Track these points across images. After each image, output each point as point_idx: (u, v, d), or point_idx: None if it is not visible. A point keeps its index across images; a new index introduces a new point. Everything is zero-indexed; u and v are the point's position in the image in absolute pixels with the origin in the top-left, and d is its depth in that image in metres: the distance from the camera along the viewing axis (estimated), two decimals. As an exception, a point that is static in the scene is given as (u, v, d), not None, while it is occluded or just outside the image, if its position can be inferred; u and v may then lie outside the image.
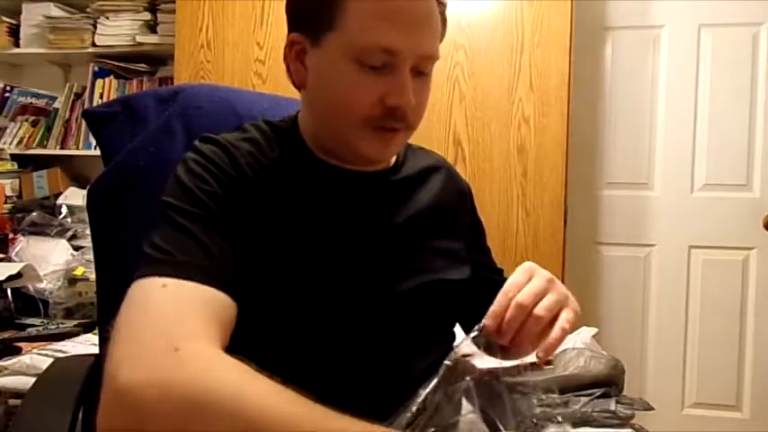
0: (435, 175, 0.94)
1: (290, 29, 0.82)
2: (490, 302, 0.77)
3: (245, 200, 0.76)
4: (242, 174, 0.77)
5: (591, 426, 1.46)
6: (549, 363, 1.60)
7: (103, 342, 1.04)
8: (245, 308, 0.74)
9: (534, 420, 0.82)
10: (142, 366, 0.58)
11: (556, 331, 0.71)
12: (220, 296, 0.67)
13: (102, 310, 1.08)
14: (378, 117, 0.77)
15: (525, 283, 0.72)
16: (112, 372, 0.58)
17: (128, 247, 0.91)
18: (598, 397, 1.51)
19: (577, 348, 1.66)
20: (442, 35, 0.83)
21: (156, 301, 0.64)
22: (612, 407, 1.49)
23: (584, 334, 1.81)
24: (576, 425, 1.44)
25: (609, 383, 1.55)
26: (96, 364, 1.00)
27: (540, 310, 0.70)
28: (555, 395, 1.51)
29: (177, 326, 0.61)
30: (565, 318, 0.72)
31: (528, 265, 0.75)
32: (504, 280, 0.83)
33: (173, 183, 0.76)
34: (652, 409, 1.57)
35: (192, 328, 0.62)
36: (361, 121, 0.78)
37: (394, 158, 0.91)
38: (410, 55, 0.76)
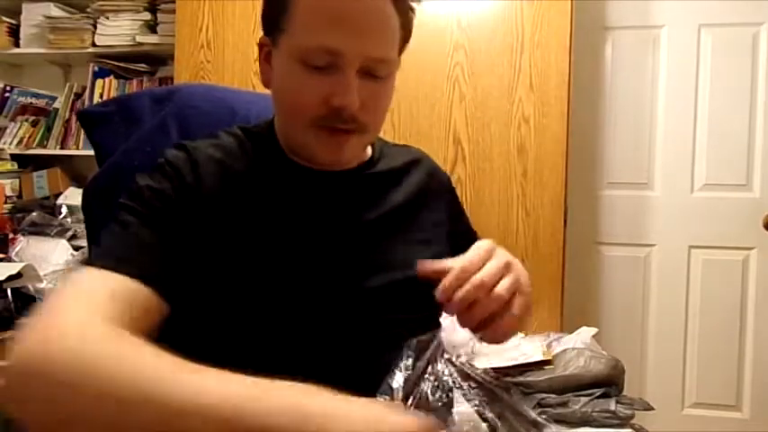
0: (413, 170, 0.94)
1: (263, 31, 0.85)
2: None
3: (201, 203, 0.78)
4: (200, 178, 0.79)
5: (591, 426, 1.46)
6: (549, 363, 1.61)
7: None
8: (212, 308, 0.76)
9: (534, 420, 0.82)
10: (32, 340, 0.60)
11: (510, 316, 0.69)
12: (134, 286, 0.69)
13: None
14: (324, 117, 0.78)
15: (484, 261, 0.70)
16: (17, 347, 0.61)
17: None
18: (598, 397, 1.51)
19: (577, 348, 1.66)
20: (405, 40, 0.84)
21: (70, 287, 0.68)
22: (612, 407, 1.49)
23: (584, 334, 1.81)
24: (575, 425, 1.44)
25: (609, 383, 1.55)
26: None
27: (500, 289, 0.68)
28: (555, 395, 1.52)
29: (80, 306, 0.64)
30: (518, 304, 0.69)
31: (487, 243, 0.72)
32: None
33: (132, 184, 0.80)
34: (652, 409, 1.57)
35: (89, 310, 0.64)
36: (309, 122, 0.78)
37: (369, 155, 0.92)
38: (355, 56, 0.76)
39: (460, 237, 0.97)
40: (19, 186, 2.75)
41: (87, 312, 0.64)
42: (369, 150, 0.93)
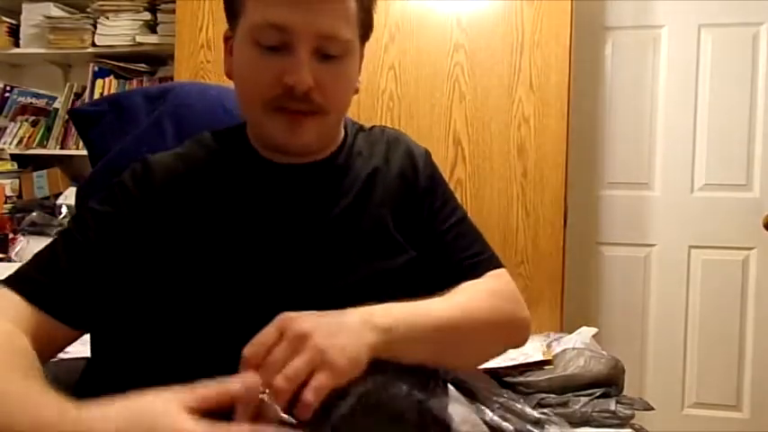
0: (387, 157, 0.90)
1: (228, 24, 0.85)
2: (441, 280, 0.81)
3: (153, 217, 0.80)
4: (152, 192, 0.81)
5: (591, 426, 1.46)
6: (549, 363, 1.60)
7: (94, 342, 1.04)
8: (170, 317, 0.77)
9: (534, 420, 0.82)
10: None
11: (304, 401, 0.60)
12: (31, 311, 0.73)
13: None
14: (278, 97, 0.77)
15: (268, 344, 0.63)
16: None
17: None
18: (598, 397, 1.51)
19: (577, 348, 1.66)
20: (365, 24, 0.83)
21: None
22: (612, 407, 1.49)
23: (585, 334, 1.81)
24: (575, 425, 1.44)
25: (609, 383, 1.55)
26: (89, 368, 0.98)
27: (282, 382, 0.60)
28: (555, 395, 1.52)
29: None
30: (314, 385, 0.61)
31: (282, 317, 0.65)
32: (468, 264, 0.86)
33: (84, 204, 0.85)
34: (652, 409, 1.57)
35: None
36: (264, 103, 0.78)
37: (339, 144, 0.89)
38: (305, 33, 0.75)
39: (438, 220, 0.91)
40: (19, 186, 2.75)
41: None
42: (340, 137, 0.90)
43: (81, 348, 1.75)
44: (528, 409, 0.81)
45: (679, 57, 2.47)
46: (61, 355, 1.73)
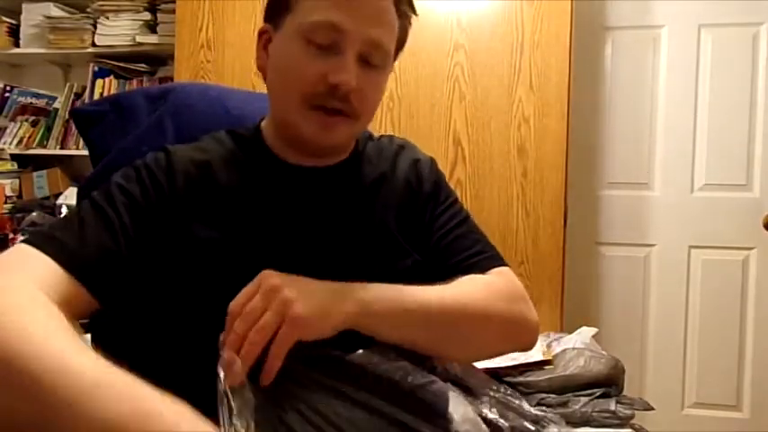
0: (394, 163, 0.94)
1: (264, 20, 0.88)
2: (448, 276, 0.83)
3: (174, 205, 0.80)
4: (175, 181, 0.82)
5: (591, 426, 1.46)
6: (549, 363, 1.60)
7: (95, 341, 1.04)
8: (184, 306, 0.77)
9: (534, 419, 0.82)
10: None
11: (271, 355, 0.65)
12: (61, 274, 0.71)
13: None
14: (319, 94, 0.80)
15: (249, 298, 0.67)
16: None
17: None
18: (598, 397, 1.51)
19: (577, 348, 1.66)
20: (401, 41, 0.88)
21: (7, 255, 0.71)
22: (612, 407, 1.49)
23: (585, 334, 1.81)
24: (576, 425, 1.44)
25: (609, 383, 1.55)
26: None
27: (252, 333, 0.65)
28: (555, 395, 1.52)
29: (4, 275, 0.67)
30: (278, 337, 0.66)
31: (259, 276, 0.69)
32: (473, 262, 0.88)
33: (110, 179, 0.82)
34: (652, 409, 1.57)
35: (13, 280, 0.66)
36: (303, 98, 0.81)
37: (352, 149, 0.93)
38: (356, 37, 0.79)
39: (442, 223, 0.93)
40: (19, 186, 2.75)
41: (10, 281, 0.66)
42: (352, 146, 0.94)
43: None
44: (526, 406, 0.80)
45: (679, 57, 2.47)
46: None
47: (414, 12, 0.90)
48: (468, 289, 0.83)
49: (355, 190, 0.89)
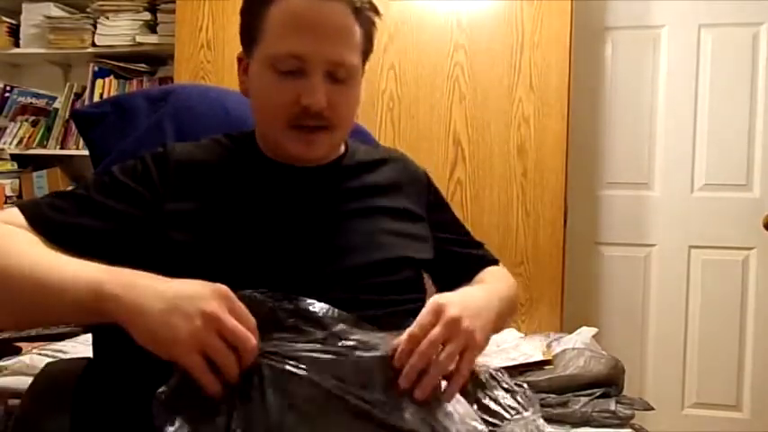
0: (387, 164, 1.02)
1: (241, 47, 0.95)
2: (461, 275, 0.96)
3: (166, 198, 0.86)
4: (169, 175, 0.88)
5: (591, 426, 1.46)
6: (549, 363, 1.61)
7: (96, 342, 1.04)
8: None
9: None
10: None
11: (459, 374, 0.76)
12: (29, 230, 0.81)
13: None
14: (296, 116, 0.86)
15: (431, 325, 0.75)
16: None
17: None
18: (598, 397, 1.52)
19: (577, 348, 1.66)
20: (367, 50, 0.93)
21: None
22: (612, 407, 1.49)
23: (585, 334, 1.81)
24: (576, 425, 1.44)
25: (609, 383, 1.55)
26: (89, 368, 0.98)
27: (443, 357, 0.74)
28: (555, 395, 1.52)
29: None
30: (466, 359, 0.76)
31: (436, 303, 0.78)
32: (481, 254, 1.07)
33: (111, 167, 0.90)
34: (652, 409, 1.58)
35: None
36: (284, 122, 0.87)
37: (342, 152, 0.98)
38: (319, 60, 0.85)
39: (445, 227, 1.05)
40: (19, 186, 2.75)
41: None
42: (342, 148, 0.99)
43: (81, 348, 1.76)
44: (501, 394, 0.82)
45: (679, 57, 2.47)
46: (61, 356, 1.74)
47: (377, 13, 0.94)
48: (503, 281, 1.01)
49: (345, 187, 0.95)
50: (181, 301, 0.66)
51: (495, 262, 1.08)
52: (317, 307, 0.75)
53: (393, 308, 0.88)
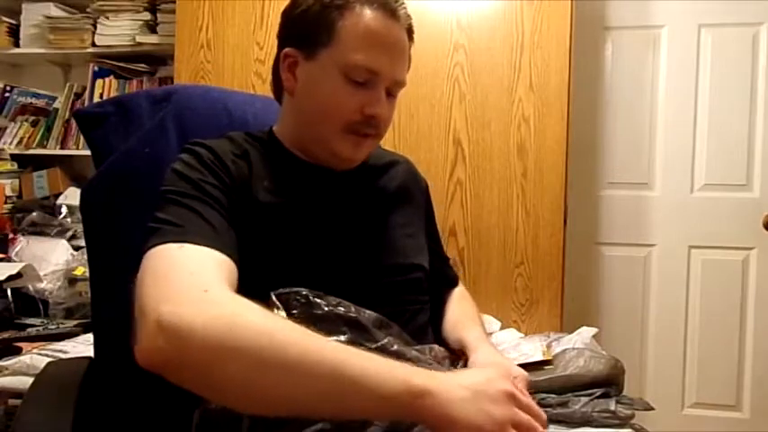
0: (396, 167, 1.10)
1: (285, 44, 0.96)
2: (434, 292, 1.06)
3: (232, 189, 0.88)
4: (227, 169, 0.89)
5: (591, 426, 1.46)
6: (549, 363, 1.60)
7: (98, 342, 1.03)
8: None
9: None
10: (184, 303, 0.65)
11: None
12: (225, 258, 0.77)
13: (95, 312, 1.07)
14: (356, 123, 0.93)
15: None
16: (154, 307, 0.65)
17: (122, 248, 0.91)
18: (598, 397, 1.51)
19: (577, 348, 1.66)
20: (408, 67, 1.00)
21: (178, 257, 0.73)
22: (612, 407, 1.49)
23: (585, 334, 1.81)
24: (575, 425, 1.44)
25: (609, 383, 1.55)
26: (91, 367, 0.98)
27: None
28: (555, 395, 1.51)
29: (202, 275, 0.71)
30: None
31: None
32: (448, 272, 1.19)
33: (171, 175, 0.87)
34: (652, 409, 1.57)
35: (213, 278, 0.71)
36: (341, 125, 0.92)
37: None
38: (388, 77, 0.93)
39: (432, 238, 1.13)
40: (19, 186, 2.75)
41: (219, 283, 0.71)
42: None
43: (81, 348, 1.76)
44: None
45: (679, 57, 2.47)
46: (61, 356, 1.74)
47: (413, 38, 1.01)
48: (475, 309, 1.16)
49: (374, 192, 1.03)
50: (481, 387, 0.67)
51: (456, 280, 1.20)
52: (367, 316, 0.79)
53: (406, 306, 0.95)
